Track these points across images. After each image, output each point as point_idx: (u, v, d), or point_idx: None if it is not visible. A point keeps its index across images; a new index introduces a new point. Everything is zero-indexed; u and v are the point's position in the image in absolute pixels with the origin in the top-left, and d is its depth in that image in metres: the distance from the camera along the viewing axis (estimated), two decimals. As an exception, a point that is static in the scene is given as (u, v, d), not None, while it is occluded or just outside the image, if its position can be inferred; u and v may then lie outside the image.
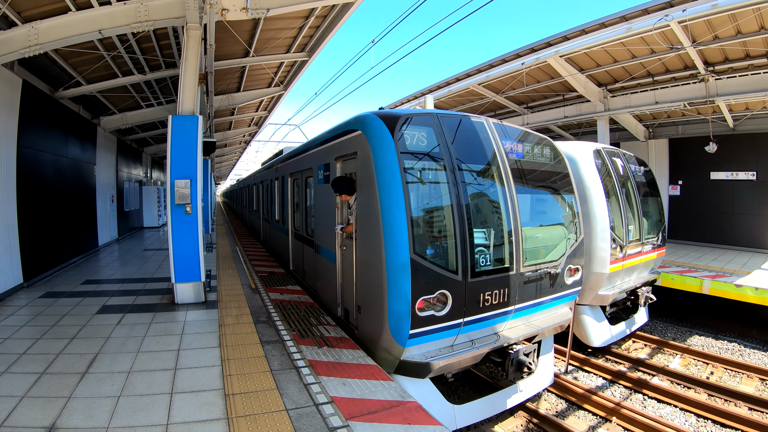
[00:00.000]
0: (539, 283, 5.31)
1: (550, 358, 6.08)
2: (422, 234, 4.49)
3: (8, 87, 7.49)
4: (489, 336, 4.99)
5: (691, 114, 13.08)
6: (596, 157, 7.59)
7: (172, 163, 6.80)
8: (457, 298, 4.52)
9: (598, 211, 7.16)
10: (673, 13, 8.40)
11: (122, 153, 16.48)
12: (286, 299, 7.67)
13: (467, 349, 4.69)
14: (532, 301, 5.26)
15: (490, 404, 5.30)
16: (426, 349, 4.59)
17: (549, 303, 5.53)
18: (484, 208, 5.09)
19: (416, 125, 4.73)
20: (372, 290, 4.76)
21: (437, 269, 4.44)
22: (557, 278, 5.54)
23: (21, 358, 4.73)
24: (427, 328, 4.44)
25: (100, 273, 9.75)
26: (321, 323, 6.26)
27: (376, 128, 4.76)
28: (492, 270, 4.82)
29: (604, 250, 7.15)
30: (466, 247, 4.56)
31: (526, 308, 5.21)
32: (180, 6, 6.60)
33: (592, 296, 7.42)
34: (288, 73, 12.89)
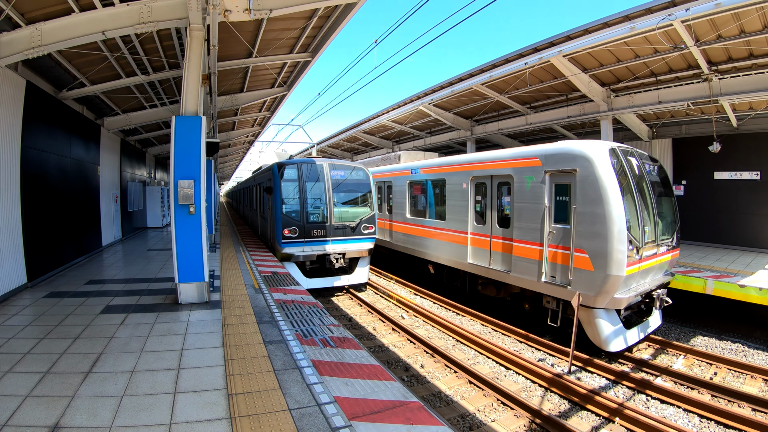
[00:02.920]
0: (344, 230, 11.86)
1: (365, 270, 12.50)
2: (288, 207, 11.47)
3: (12, 88, 7.52)
4: (317, 248, 11.56)
5: (695, 114, 13.02)
6: (612, 156, 7.41)
7: (176, 164, 6.82)
8: (300, 231, 11.38)
9: (614, 212, 6.97)
10: (677, 13, 8.37)
11: (126, 153, 16.53)
12: (289, 299, 7.68)
13: (306, 252, 11.43)
14: (340, 238, 11.80)
15: (325, 282, 11.74)
16: (291, 250, 11.29)
17: (352, 240, 11.94)
18: (316, 197, 11.81)
19: (290, 167, 11.91)
20: (273, 228, 11.84)
21: (292, 219, 11.41)
22: (355, 230, 11.99)
23: (25, 358, 4.75)
24: (290, 241, 11.28)
25: (104, 273, 9.79)
26: (324, 323, 6.26)
27: (274, 169, 12.04)
28: (316, 222, 11.65)
29: (621, 252, 6.93)
30: (304, 211, 11.54)
31: (336, 240, 11.75)
32: (183, 7, 6.61)
33: (608, 299, 7.18)
34: (291, 73, 12.91)
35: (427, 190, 12.52)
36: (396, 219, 14.17)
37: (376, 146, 26.71)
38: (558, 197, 7.96)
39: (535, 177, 8.33)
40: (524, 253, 8.55)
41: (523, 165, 8.67)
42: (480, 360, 7.79)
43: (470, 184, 10.28)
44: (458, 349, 8.27)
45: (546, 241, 8.04)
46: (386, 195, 15.16)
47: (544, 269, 8.09)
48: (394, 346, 8.38)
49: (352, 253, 11.93)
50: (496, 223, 9.49)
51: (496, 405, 6.19)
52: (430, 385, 6.75)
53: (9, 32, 6.61)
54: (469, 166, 10.42)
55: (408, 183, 13.42)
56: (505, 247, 9.14)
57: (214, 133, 13.58)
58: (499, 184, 9.45)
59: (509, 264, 8.96)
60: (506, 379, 7.02)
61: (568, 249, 7.58)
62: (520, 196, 8.67)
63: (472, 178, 10.25)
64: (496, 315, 9.99)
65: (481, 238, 9.96)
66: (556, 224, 7.94)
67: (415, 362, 7.64)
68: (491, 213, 9.62)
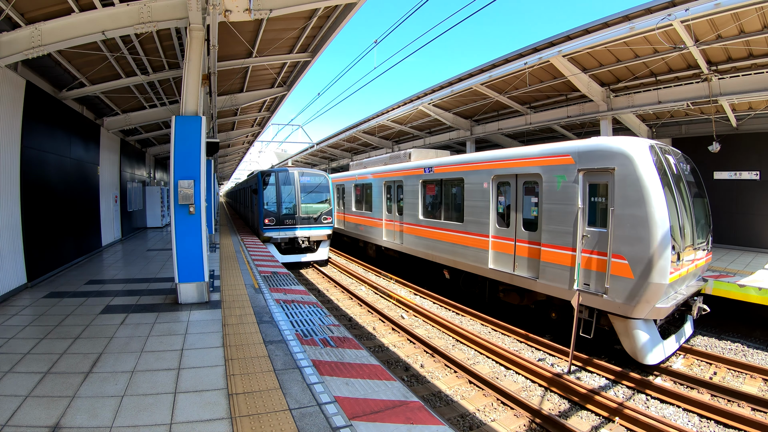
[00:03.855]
0: (308, 220, 16.01)
1: (325, 249, 16.52)
2: (268, 203, 15.94)
3: (12, 88, 7.52)
4: (289, 233, 15.82)
5: (695, 114, 13.03)
6: (652, 153, 6.90)
7: (176, 164, 6.83)
8: (277, 220, 15.78)
9: (657, 214, 6.44)
10: (676, 13, 8.37)
11: (125, 153, 16.53)
12: (289, 299, 7.69)
13: (281, 235, 15.79)
14: (306, 226, 15.95)
15: (295, 257, 15.93)
16: (270, 234, 15.64)
17: (315, 227, 16.09)
18: (287, 197, 16.03)
19: (269, 175, 16.31)
20: (257, 218, 16.35)
21: (271, 211, 15.84)
22: (317, 220, 16.08)
23: (25, 358, 4.76)
24: (269, 227, 15.69)
25: (104, 273, 9.79)
26: (324, 323, 6.26)
27: (258, 176, 16.65)
28: (288, 214, 15.94)
29: (664, 258, 6.39)
30: (280, 206, 15.94)
31: (303, 227, 15.91)
32: (183, 7, 6.61)
33: (648, 309, 6.65)
34: (291, 73, 12.91)
35: (442, 190, 11.83)
36: (407, 221, 13.35)
37: (376, 146, 26.70)
38: (593, 198, 7.41)
39: (566, 176, 7.72)
40: (554, 258, 7.93)
41: (553, 163, 8.03)
42: (480, 360, 7.80)
43: (492, 184, 9.55)
44: (458, 349, 8.27)
45: (579, 246, 7.45)
46: (396, 195, 14.42)
47: (577, 276, 7.48)
48: (394, 345, 8.39)
49: (315, 236, 16.44)
50: (521, 225, 8.81)
51: (496, 405, 6.20)
52: (430, 385, 6.75)
53: (9, 32, 6.60)
54: (491, 164, 9.64)
55: (421, 182, 12.66)
56: (531, 252, 8.49)
57: (213, 133, 13.59)
58: (525, 183, 8.76)
59: (536, 270, 8.33)
60: (506, 379, 7.02)
61: (605, 254, 7.02)
62: (550, 196, 8.04)
63: (494, 177, 9.51)
64: (495, 315, 9.99)
65: (504, 242, 9.26)
66: (590, 227, 7.36)
67: (415, 362, 7.65)
68: (516, 215, 8.94)
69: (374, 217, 15.89)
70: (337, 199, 19.88)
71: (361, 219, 17.27)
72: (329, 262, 17.49)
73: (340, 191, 19.76)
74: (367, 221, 16.70)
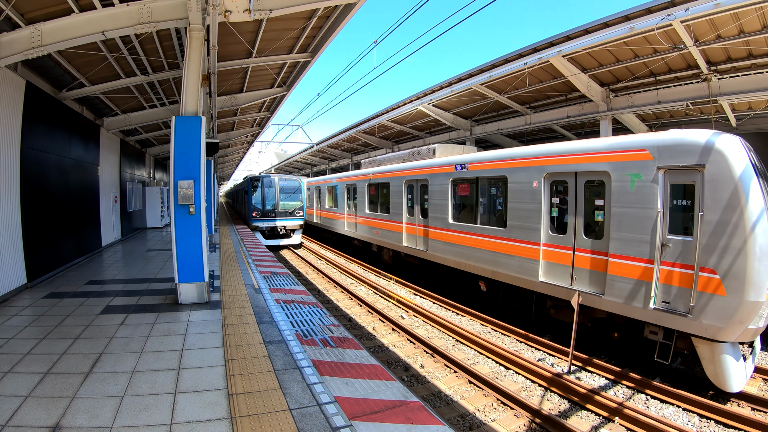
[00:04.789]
0: (285, 214, 21.71)
1: (298, 236, 22.23)
2: (255, 201, 21.65)
3: (12, 88, 7.53)
4: (271, 223, 21.45)
5: (694, 114, 13.04)
6: (746, 148, 6.05)
7: (176, 164, 6.83)
8: (261, 213, 21.47)
9: (756, 221, 5.56)
10: (676, 13, 8.38)
11: (125, 154, 16.54)
12: (289, 299, 7.69)
13: (265, 225, 21.40)
14: (283, 218, 21.67)
15: (275, 241, 21.32)
16: (256, 224, 21.37)
17: (290, 219, 21.82)
18: (270, 196, 21.70)
19: (256, 180, 22.13)
20: (247, 212, 22.48)
21: (257, 207, 21.54)
22: (292, 214, 21.79)
23: (25, 358, 4.76)
24: (256, 219, 21.45)
25: (104, 273, 9.79)
26: (324, 324, 6.27)
27: (248, 180, 23.17)
28: (270, 209, 21.60)
29: (760, 273, 5.53)
30: (264, 203, 21.58)
31: (281, 219, 21.61)
32: (183, 7, 6.61)
33: (740, 331, 5.77)
34: (290, 73, 12.92)
35: (478, 190, 10.38)
36: (434, 225, 11.84)
37: (376, 146, 26.72)
38: (675, 201, 6.40)
39: (642, 174, 6.64)
40: (625, 271, 6.81)
41: (625, 159, 6.93)
42: (480, 360, 7.80)
43: (544, 183, 8.29)
44: (458, 349, 8.27)
45: (658, 257, 6.42)
46: (418, 196, 12.87)
47: (654, 292, 6.46)
48: (394, 346, 8.39)
49: (290, 226, 21.91)
50: (582, 232, 7.60)
51: (496, 405, 6.20)
52: (430, 385, 6.75)
53: (9, 32, 6.60)
54: (543, 160, 8.36)
55: (451, 181, 11.15)
56: (595, 264, 7.36)
57: (213, 134, 13.60)
58: (588, 183, 7.59)
59: (601, 284, 7.19)
60: (506, 379, 7.02)
61: (690, 267, 6.06)
62: (621, 198, 6.93)
63: (546, 175, 8.25)
64: (495, 315, 9.99)
65: (558, 251, 8.01)
66: (672, 235, 6.34)
67: (415, 362, 7.65)
68: (575, 220, 7.72)
69: (392, 220, 14.34)
70: (347, 200, 18.86)
71: (376, 222, 15.73)
72: (328, 261, 17.69)
73: (351, 191, 18.47)
74: (383, 224, 15.14)
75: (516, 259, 8.89)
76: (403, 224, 13.58)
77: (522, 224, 8.77)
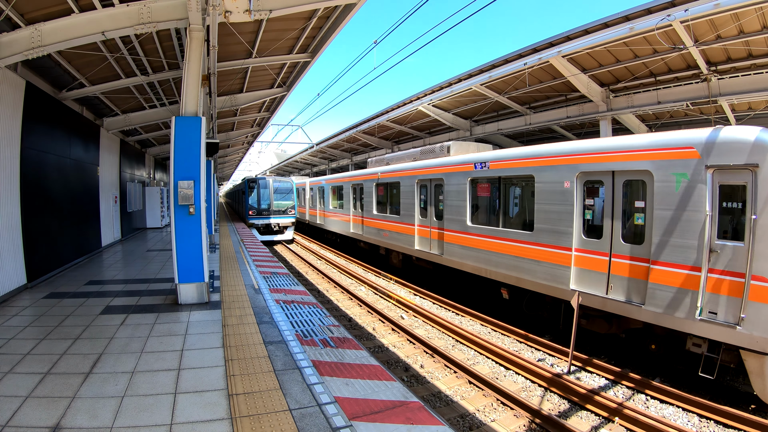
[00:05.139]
0: (278, 212, 23.68)
1: (290, 232, 24.18)
2: (251, 200, 23.61)
3: (12, 88, 7.53)
4: (265, 221, 23.39)
5: (694, 114, 13.04)
6: None
7: (176, 164, 6.83)
8: (257, 212, 23.48)
9: None
10: (676, 13, 8.38)
11: (125, 154, 16.54)
12: (289, 299, 7.70)
13: (260, 222, 23.39)
14: (277, 216, 23.62)
15: (269, 237, 23.27)
16: (252, 221, 23.43)
17: (283, 217, 23.75)
18: (264, 196, 23.63)
19: (252, 181, 24.02)
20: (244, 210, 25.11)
21: (253, 205, 23.53)
22: (285, 212, 23.78)
23: (25, 359, 4.76)
24: (252, 216, 23.46)
25: (104, 274, 9.79)
26: (324, 324, 6.27)
27: (245, 182, 25.68)
28: (265, 208, 23.52)
29: None
30: (259, 202, 23.46)
31: (275, 217, 23.56)
32: (183, 8, 6.62)
33: None
34: (290, 74, 12.92)
35: (500, 191, 9.72)
36: (450, 227, 11.11)
37: (376, 146, 26.73)
38: (725, 203, 5.97)
39: (689, 174, 6.19)
40: (668, 279, 6.35)
41: (669, 157, 6.47)
42: (480, 360, 7.80)
43: (577, 183, 7.69)
44: (458, 349, 8.27)
45: (705, 264, 5.95)
46: (432, 197, 12.15)
47: (701, 302, 5.98)
48: (394, 346, 8.39)
49: (283, 223, 23.82)
50: (619, 237, 7.07)
51: (495, 405, 6.20)
52: (430, 385, 6.76)
53: (9, 33, 6.61)
54: (575, 158, 7.78)
55: (469, 181, 10.43)
56: (634, 271, 6.82)
57: (213, 134, 13.60)
58: (627, 183, 7.07)
59: (642, 293, 6.69)
60: (506, 379, 7.02)
61: (741, 275, 5.65)
62: (664, 199, 6.43)
63: (579, 175, 7.66)
64: (495, 315, 9.99)
65: (593, 256, 7.44)
66: (721, 241, 5.92)
67: (415, 362, 7.65)
68: (612, 223, 7.16)
69: (403, 222, 13.59)
70: (353, 201, 18.19)
71: (385, 224, 14.92)
72: (328, 262, 17.70)
73: (357, 192, 17.75)
74: (393, 226, 14.34)
75: (544, 265, 8.27)
76: (415, 226, 12.91)
77: (551, 227, 8.15)
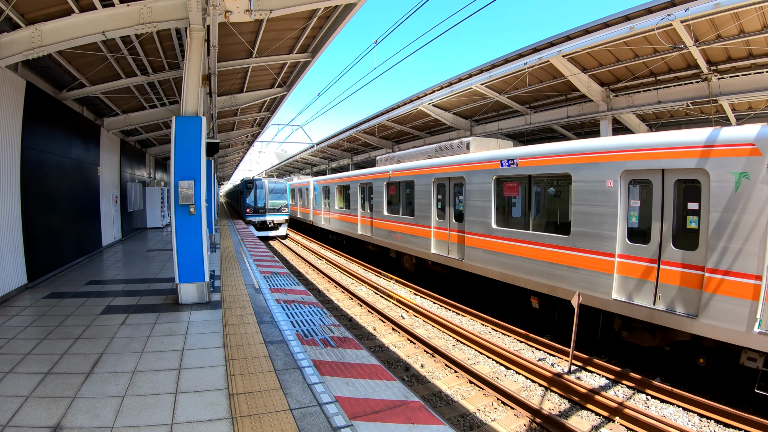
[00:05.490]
0: (273, 210, 26.11)
1: (284, 228, 26.67)
2: (248, 199, 26.05)
3: (12, 88, 7.53)
4: (261, 218, 25.73)
5: (694, 113, 13.04)
6: None
7: (176, 164, 6.83)
8: (253, 210, 25.90)
9: None
10: (676, 13, 8.38)
11: (126, 154, 16.54)
12: (289, 299, 7.70)
13: (257, 219, 25.74)
14: (272, 214, 26.04)
15: (265, 233, 25.34)
16: (250, 218, 25.82)
17: (277, 214, 26.21)
18: (260, 196, 25.87)
19: (249, 182, 26.62)
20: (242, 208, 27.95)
21: (250, 204, 25.93)
22: (279, 210, 26.24)
23: (26, 359, 4.76)
24: (249, 214, 25.91)
25: (104, 273, 9.79)
26: (325, 324, 6.27)
27: (243, 183, 28.85)
28: (261, 206, 25.89)
29: None
30: (256, 201, 25.84)
31: (270, 214, 25.97)
32: (183, 8, 6.62)
33: None
34: (291, 73, 12.92)
35: (531, 191, 8.96)
36: (472, 230, 10.30)
37: (376, 146, 26.74)
38: None
39: (750, 173, 5.66)
40: (725, 288, 5.81)
41: (727, 154, 5.95)
42: (480, 360, 7.80)
43: (620, 182, 7.05)
44: (458, 349, 8.27)
45: (766, 273, 5.52)
46: (451, 197, 11.32)
47: (760, 314, 5.52)
48: (395, 346, 8.39)
49: (277, 220, 26.14)
50: (669, 241, 6.47)
51: (496, 404, 6.20)
52: (430, 385, 6.76)
53: (9, 33, 6.61)
54: (619, 154, 7.12)
55: (495, 179, 9.63)
56: (687, 279, 6.22)
57: (213, 134, 13.61)
58: (679, 182, 6.47)
59: (695, 304, 6.09)
60: (506, 379, 7.03)
61: None
62: (722, 201, 5.92)
63: (623, 173, 7.02)
64: (495, 315, 9.99)
65: (639, 263, 6.80)
66: None
67: (416, 362, 7.65)
68: (661, 226, 6.56)
69: (417, 224, 12.78)
70: (361, 201, 17.38)
71: (397, 225, 14.05)
72: (329, 261, 17.72)
73: (366, 191, 16.91)
74: (406, 228, 13.50)
75: (581, 272, 7.58)
76: (432, 228, 12.06)
77: (591, 231, 7.46)
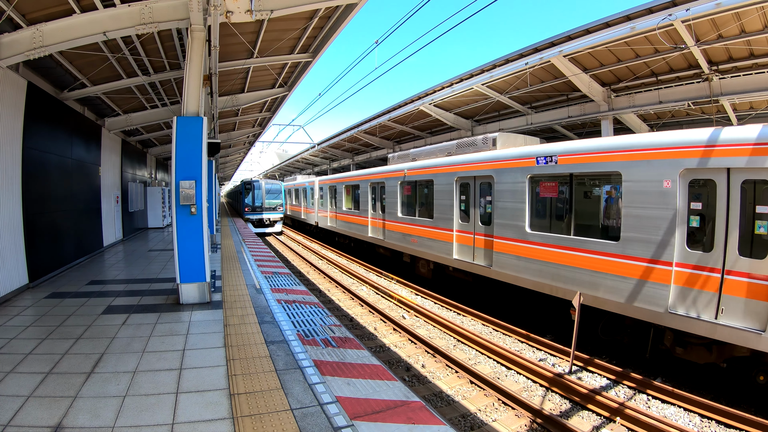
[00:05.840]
0: (269, 209, 29.10)
1: (279, 225, 29.79)
2: (247, 199, 29.06)
3: (13, 89, 7.54)
4: (259, 216, 28.63)
5: (696, 113, 13.02)
6: None
7: (177, 164, 6.84)
8: (251, 208, 28.83)
9: None
10: (677, 13, 8.37)
11: (127, 154, 16.56)
12: (290, 299, 7.70)
13: (254, 217, 28.70)
14: (268, 212, 28.98)
15: (262, 230, 28.28)
16: (248, 216, 28.79)
17: (273, 212, 29.18)
18: (258, 195, 28.88)
19: (247, 183, 29.65)
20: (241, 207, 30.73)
21: (248, 203, 28.89)
22: (274, 209, 29.33)
23: (27, 358, 4.77)
24: (248, 212, 28.88)
25: (105, 273, 9.81)
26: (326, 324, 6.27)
27: (241, 184, 32.07)
28: (258, 205, 28.88)
29: None
30: (254, 200, 28.83)
31: (266, 213, 28.88)
32: (184, 8, 6.62)
33: None
34: (292, 74, 12.93)
35: (572, 192, 8.11)
36: (502, 234, 9.42)
37: (377, 146, 26.74)
38: None
39: None
40: None
41: None
42: (481, 360, 7.79)
43: (679, 183, 6.32)
44: (459, 349, 8.27)
45: None
46: (476, 197, 10.41)
47: None
48: (396, 346, 8.39)
49: (273, 218, 28.77)
50: (735, 248, 5.79)
51: (497, 405, 6.19)
52: (431, 385, 6.75)
53: (10, 33, 6.63)
54: (677, 151, 6.45)
55: (529, 179, 8.77)
56: (754, 290, 5.61)
57: (215, 134, 13.62)
58: (747, 183, 5.77)
59: (762, 318, 5.48)
60: (507, 379, 7.02)
61: None
62: None
63: (683, 172, 6.31)
64: (496, 315, 9.98)
65: (700, 272, 6.09)
66: None
67: (417, 362, 7.65)
68: (727, 232, 5.87)
69: (436, 227, 11.88)
70: (372, 202, 16.41)
71: (413, 228, 13.13)
72: (330, 261, 17.71)
73: (376, 191, 16.00)
74: (423, 231, 12.61)
75: (631, 281, 6.85)
76: (454, 232, 11.16)
77: (644, 236, 6.71)
